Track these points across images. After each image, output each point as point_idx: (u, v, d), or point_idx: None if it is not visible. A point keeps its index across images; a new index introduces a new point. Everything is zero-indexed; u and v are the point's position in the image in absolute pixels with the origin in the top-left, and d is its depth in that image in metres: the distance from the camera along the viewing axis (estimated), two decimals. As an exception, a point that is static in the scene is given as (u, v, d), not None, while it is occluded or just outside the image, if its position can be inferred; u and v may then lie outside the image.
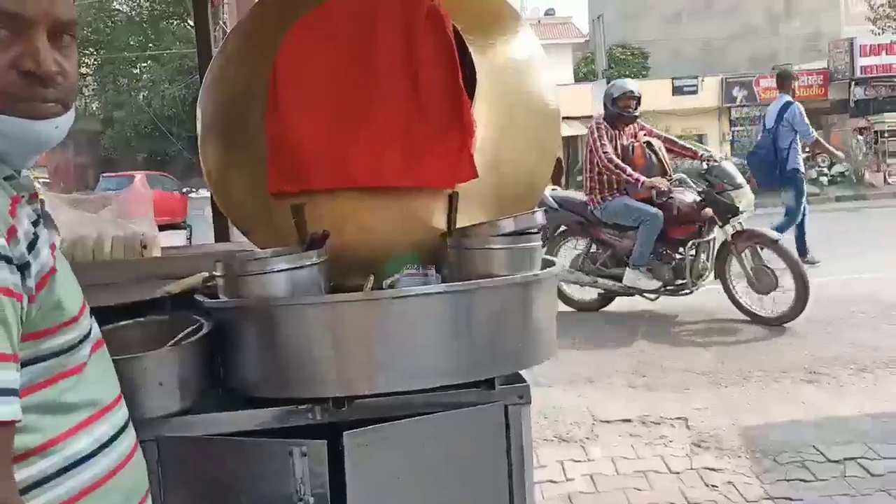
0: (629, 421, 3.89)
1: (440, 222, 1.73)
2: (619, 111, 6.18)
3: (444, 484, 1.48)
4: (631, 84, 6.56)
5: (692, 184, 6.10)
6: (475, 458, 1.50)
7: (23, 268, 0.88)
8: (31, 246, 0.90)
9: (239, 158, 1.76)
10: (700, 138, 23.41)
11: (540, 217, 1.65)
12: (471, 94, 1.73)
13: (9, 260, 0.86)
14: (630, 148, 6.02)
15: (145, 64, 31.44)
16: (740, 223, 5.83)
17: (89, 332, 1.01)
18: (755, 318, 5.74)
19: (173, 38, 30.03)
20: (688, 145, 6.51)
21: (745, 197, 5.78)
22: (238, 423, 1.46)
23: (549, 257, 1.72)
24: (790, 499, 2.99)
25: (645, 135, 6.22)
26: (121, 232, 2.03)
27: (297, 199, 1.65)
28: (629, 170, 5.80)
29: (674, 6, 33.01)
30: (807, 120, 8.19)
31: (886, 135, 20.81)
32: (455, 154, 1.70)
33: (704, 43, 30.73)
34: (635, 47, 30.77)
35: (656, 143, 6.11)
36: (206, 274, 1.67)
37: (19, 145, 0.95)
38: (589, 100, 19.19)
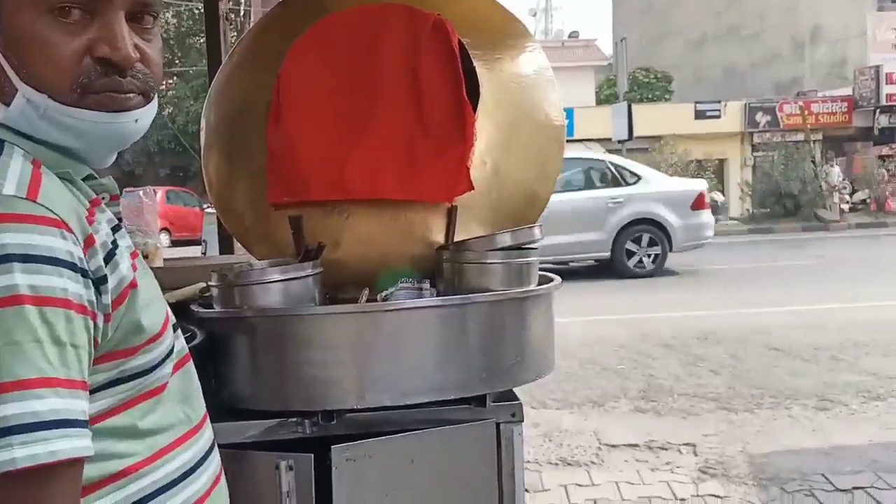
0: (636, 446, 3.84)
1: (438, 236, 1.72)
2: None
3: (433, 501, 1.46)
4: None
5: None
6: (465, 477, 1.48)
7: (98, 282, 0.77)
8: (109, 257, 0.80)
9: (240, 171, 1.77)
10: (721, 163, 23.35)
11: (538, 232, 1.64)
12: (475, 108, 1.72)
13: (84, 273, 0.75)
14: None
15: (171, 80, 31.90)
16: None
17: (172, 350, 0.90)
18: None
19: (199, 55, 30.45)
20: None
21: None
22: (226, 435, 1.44)
23: (547, 273, 1.71)
24: (797, 528, 2.93)
25: None
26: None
27: (296, 211, 1.66)
28: None
29: (698, 30, 33.07)
30: None
31: (910, 162, 20.58)
32: (453, 167, 1.70)
33: (728, 67, 30.68)
34: (659, 71, 30.75)
35: None
36: (203, 284, 1.67)
37: (97, 141, 0.85)
38: (608, 122, 19.16)
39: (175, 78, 31.38)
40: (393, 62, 1.71)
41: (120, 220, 0.89)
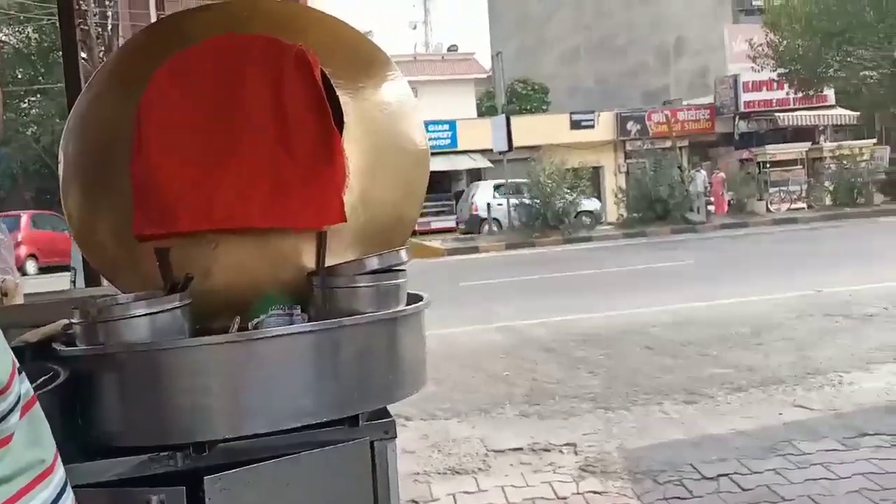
0: (520, 450, 3.97)
1: (309, 262, 1.75)
2: None
3: (311, 523, 1.49)
4: None
5: None
6: (342, 496, 1.52)
7: None
8: None
9: (103, 203, 1.74)
10: (597, 170, 24.39)
11: (405, 254, 1.70)
12: (340, 136, 1.77)
13: None
14: None
15: (34, 98, 30.13)
16: None
17: (19, 398, 0.88)
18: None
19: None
20: None
21: None
22: (96, 474, 1.43)
23: (417, 292, 1.77)
24: (668, 516, 3.13)
25: None
26: (-21, 279, 1.96)
27: (162, 243, 1.65)
28: None
29: (571, 43, 34.41)
30: None
31: (768, 165, 22.15)
32: (325, 196, 1.74)
33: (600, 79, 32.08)
34: (536, 82, 31.77)
35: None
36: (67, 321, 1.64)
37: None
38: (489, 134, 19.65)
39: (38, 95, 29.66)
40: (257, 92, 1.73)
41: None
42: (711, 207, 20.59)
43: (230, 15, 1.93)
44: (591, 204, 19.56)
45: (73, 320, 1.48)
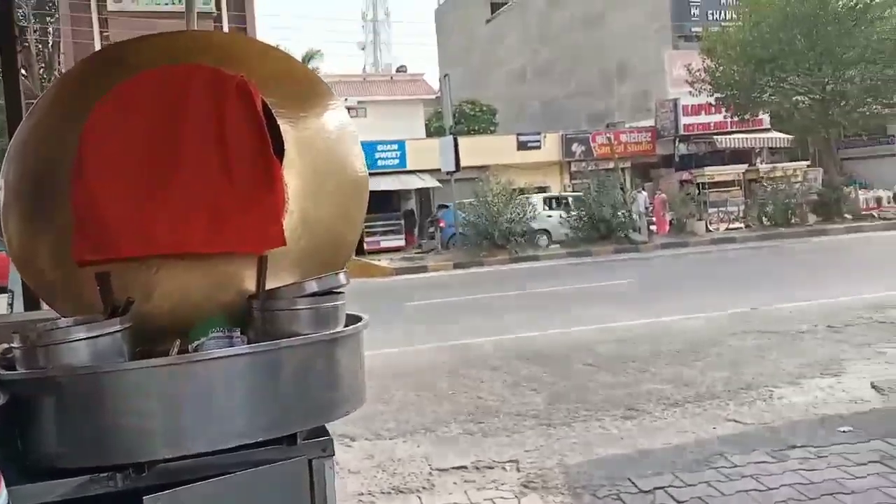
0: (464, 468, 4.03)
1: (249, 285, 1.80)
2: None
3: (249, 541, 1.53)
4: None
5: None
6: (280, 514, 1.57)
7: None
8: None
9: (43, 228, 1.76)
10: (543, 190, 24.78)
11: (343, 277, 1.76)
12: (280, 163, 1.83)
13: None
14: None
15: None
16: None
17: None
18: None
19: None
20: None
21: None
22: (35, 496, 1.45)
23: (356, 313, 1.84)
24: (605, 530, 3.23)
25: None
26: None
27: (103, 267, 1.68)
28: None
29: (517, 65, 34.97)
30: None
31: (707, 186, 22.80)
32: (264, 221, 1.79)
33: (546, 101, 32.67)
34: (484, 104, 32.20)
35: None
36: (6, 345, 1.65)
37: None
38: (438, 154, 19.83)
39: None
40: (199, 121, 1.79)
41: None
42: (654, 227, 21.12)
43: (174, 46, 1.98)
44: (547, 223, 19.88)
45: (13, 345, 1.50)
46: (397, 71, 34.33)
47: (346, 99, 28.61)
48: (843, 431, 4.14)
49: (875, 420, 4.31)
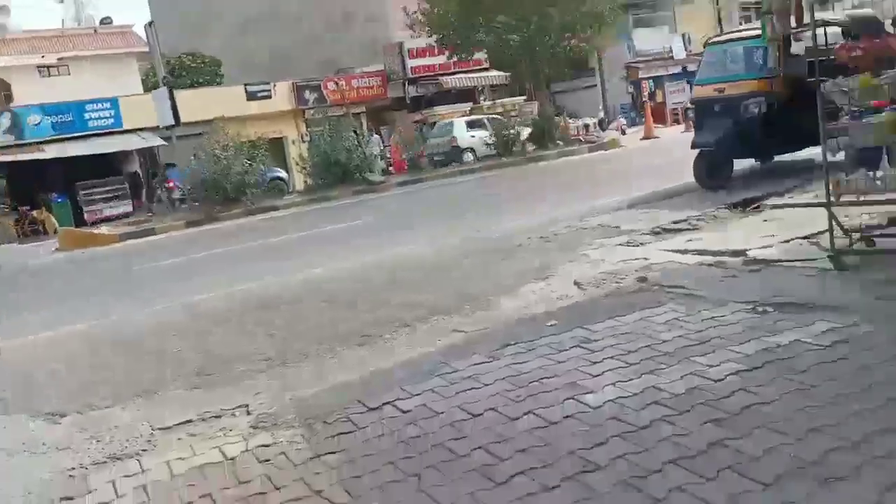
0: (190, 422, 3.82)
1: None
2: None
3: None
4: None
5: None
6: None
7: None
8: None
9: None
10: (280, 140, 24.22)
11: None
12: None
13: None
14: None
15: None
16: None
17: None
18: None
19: None
20: None
21: None
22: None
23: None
24: (334, 452, 3.21)
25: None
26: None
27: None
28: None
29: (240, 16, 33.30)
30: None
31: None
32: None
33: (274, 50, 31.57)
34: (206, 56, 30.35)
35: None
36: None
37: None
38: (153, 109, 18.41)
39: None
40: None
41: None
42: (392, 168, 21.60)
43: None
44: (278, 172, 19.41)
45: None
46: (101, 23, 31.08)
47: (42, 56, 25.48)
48: (550, 325, 4.51)
49: (577, 312, 4.74)
